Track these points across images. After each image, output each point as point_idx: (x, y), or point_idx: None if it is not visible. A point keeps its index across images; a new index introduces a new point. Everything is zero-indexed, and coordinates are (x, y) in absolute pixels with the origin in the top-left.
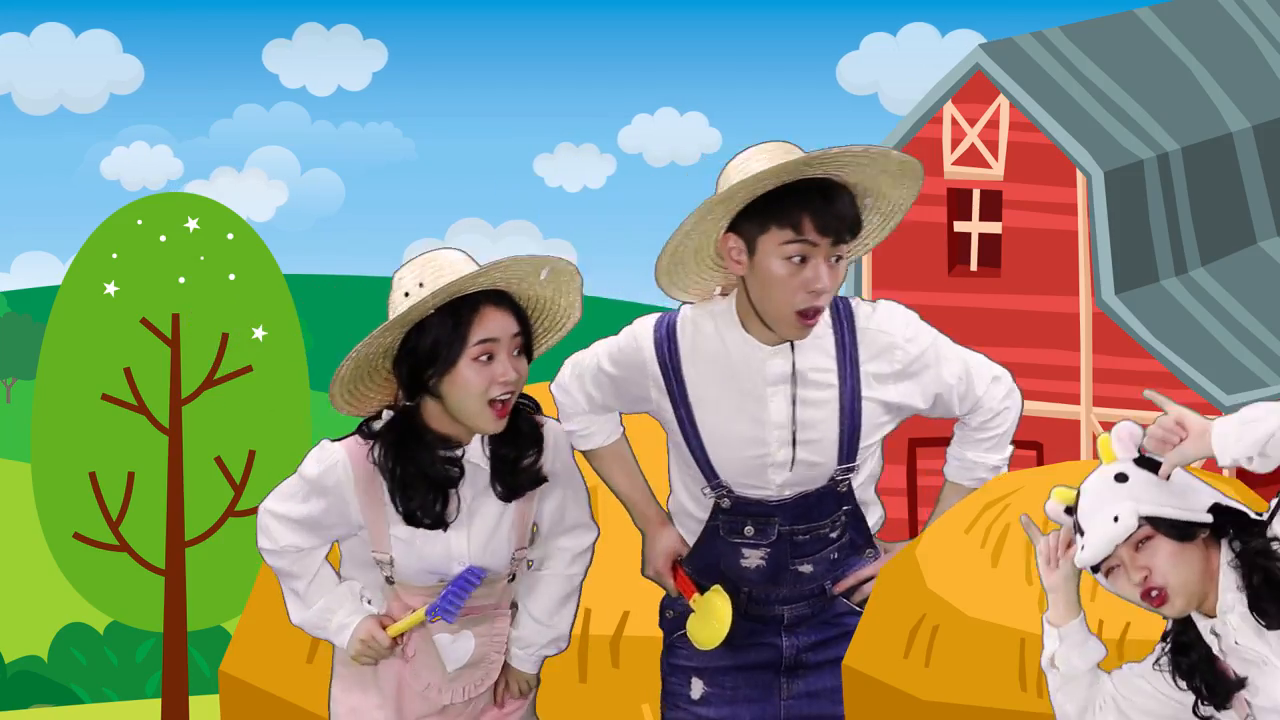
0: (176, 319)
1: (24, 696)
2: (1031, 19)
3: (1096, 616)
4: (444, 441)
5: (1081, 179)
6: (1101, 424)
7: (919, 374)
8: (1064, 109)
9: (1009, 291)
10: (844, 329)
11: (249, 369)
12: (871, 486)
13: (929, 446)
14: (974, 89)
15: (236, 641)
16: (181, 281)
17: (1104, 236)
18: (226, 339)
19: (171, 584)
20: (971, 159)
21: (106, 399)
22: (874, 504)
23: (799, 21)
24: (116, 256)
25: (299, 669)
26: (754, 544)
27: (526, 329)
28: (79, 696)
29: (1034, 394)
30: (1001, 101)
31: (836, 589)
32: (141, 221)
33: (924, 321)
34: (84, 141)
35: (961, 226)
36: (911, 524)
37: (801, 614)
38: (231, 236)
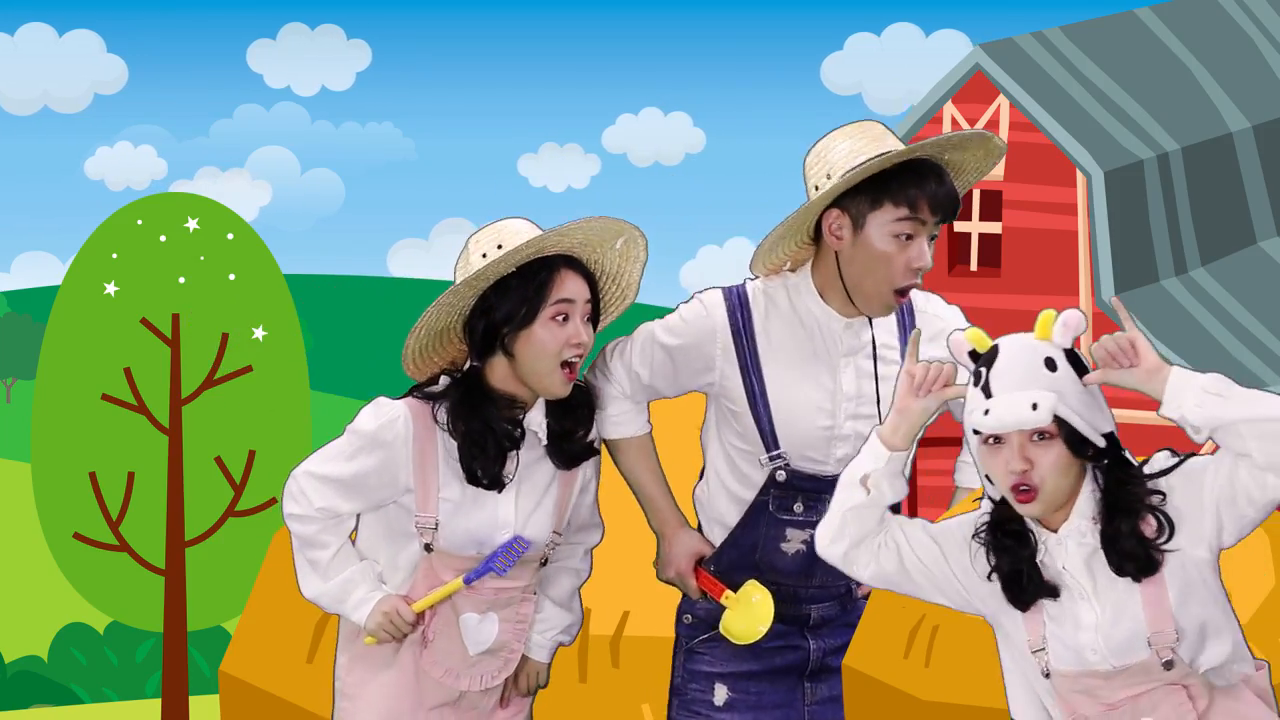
0: (176, 319)
1: (24, 696)
2: (1017, 19)
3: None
4: (509, 402)
5: (1081, 179)
6: None
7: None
8: (1064, 109)
9: (1009, 291)
10: (904, 311)
11: (249, 369)
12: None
13: (929, 446)
14: (974, 89)
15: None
16: (181, 281)
17: (1104, 236)
18: (226, 339)
19: (171, 584)
20: None
21: (106, 399)
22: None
23: (783, 22)
24: (116, 256)
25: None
26: (800, 523)
27: (596, 296)
28: (79, 696)
29: None
30: (1001, 101)
31: (862, 590)
32: (141, 221)
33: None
34: (68, 142)
35: (961, 226)
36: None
37: (828, 614)
38: (231, 236)
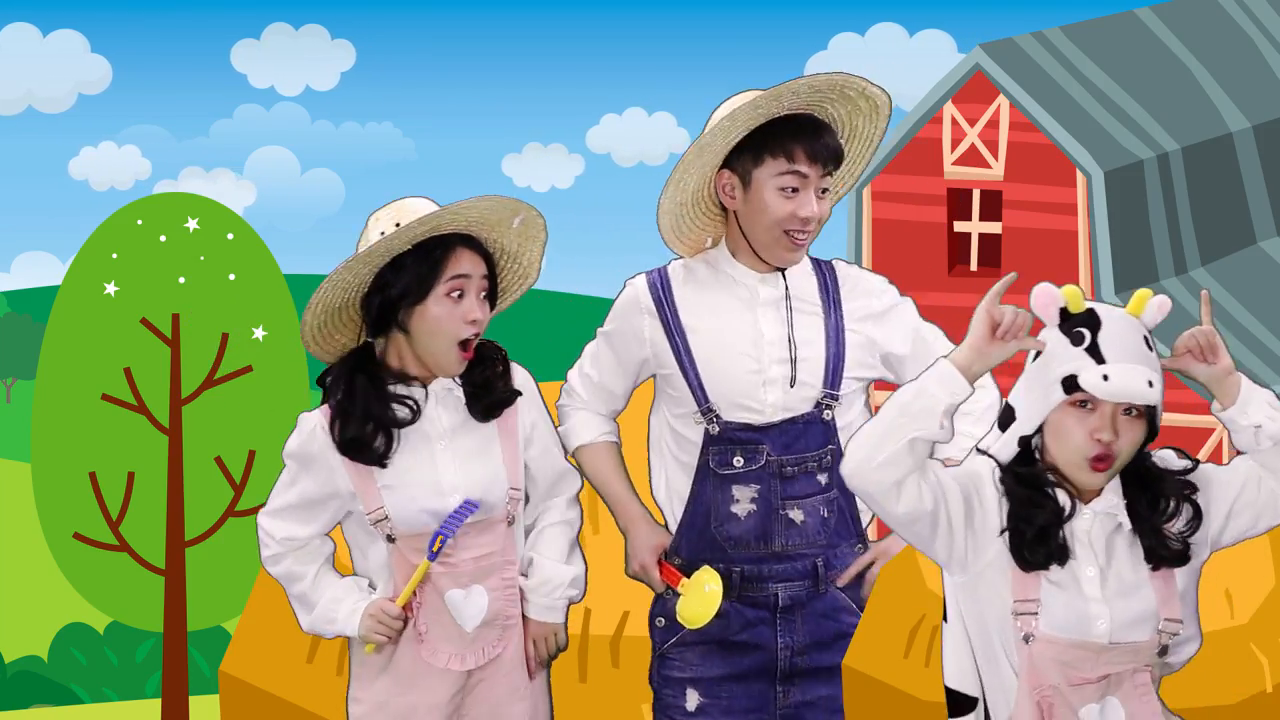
0: (176, 319)
1: (24, 696)
2: (1002, 19)
3: None
4: (401, 377)
5: (1081, 179)
6: None
7: (893, 319)
8: (1064, 109)
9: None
10: (825, 276)
11: (249, 369)
12: None
13: None
14: (974, 89)
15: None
16: (181, 281)
17: (1104, 236)
18: (226, 339)
19: (171, 584)
20: (971, 159)
21: (106, 399)
22: None
23: (767, 21)
24: (116, 256)
25: (299, 669)
26: (743, 477)
27: (493, 276)
28: (79, 696)
29: None
30: (1001, 101)
31: (839, 582)
32: (141, 221)
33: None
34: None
35: (961, 226)
36: None
37: (796, 596)
38: (231, 236)
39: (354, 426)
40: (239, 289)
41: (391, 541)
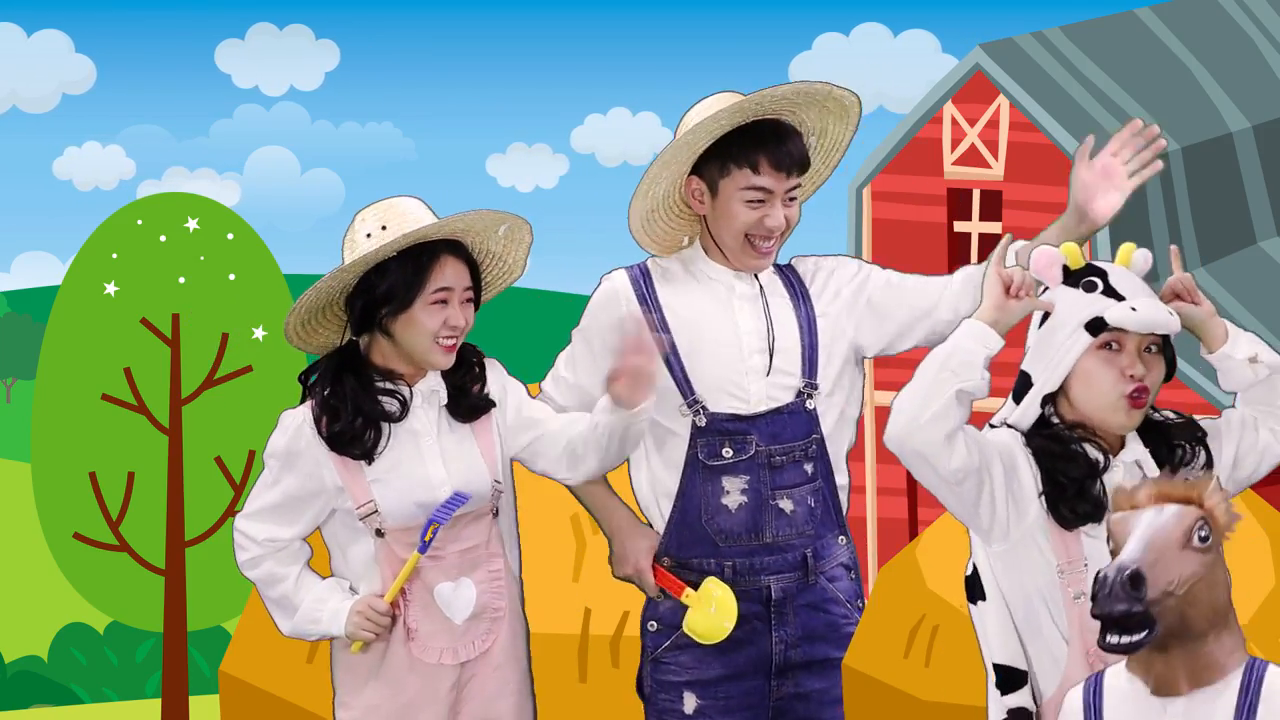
0: (176, 319)
1: (24, 696)
2: (987, 20)
3: None
4: (387, 375)
5: None
6: None
7: (860, 277)
8: (1064, 109)
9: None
10: (789, 275)
11: (249, 369)
12: (836, 446)
13: None
14: (974, 89)
15: (236, 641)
16: (181, 281)
17: (1104, 236)
18: (226, 339)
19: (171, 584)
20: (971, 159)
21: (106, 399)
22: (841, 470)
23: (751, 21)
24: (116, 256)
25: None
26: (733, 467)
27: (477, 280)
28: (79, 696)
29: None
30: (1001, 101)
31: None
32: (141, 221)
33: None
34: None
35: (961, 226)
36: (911, 524)
37: (788, 588)
38: (231, 236)
39: (343, 421)
40: (239, 289)
41: (380, 536)
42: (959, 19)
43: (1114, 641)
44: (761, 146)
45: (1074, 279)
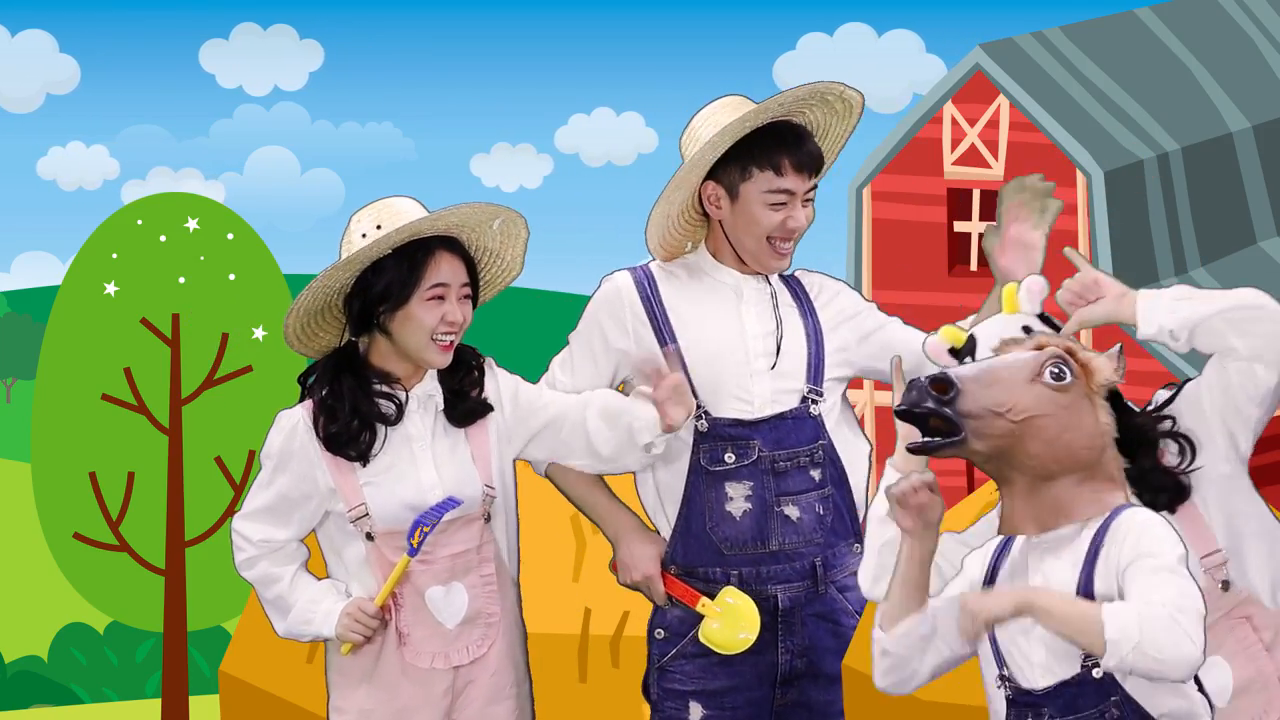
0: (176, 319)
1: (24, 696)
2: (971, 20)
3: None
4: (384, 377)
5: (1081, 179)
6: None
7: (854, 310)
8: (1064, 109)
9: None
10: (794, 285)
11: (249, 369)
12: (844, 449)
13: None
14: (974, 89)
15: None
16: (181, 281)
17: (1104, 236)
18: (226, 339)
19: (171, 584)
20: (971, 159)
21: (106, 399)
22: (855, 473)
23: (735, 21)
24: (116, 256)
25: (299, 669)
26: (736, 473)
27: (474, 277)
28: (79, 696)
29: None
30: (1001, 101)
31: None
32: (141, 221)
33: None
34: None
35: (961, 226)
36: None
37: (795, 598)
38: (231, 236)
39: (339, 422)
40: (239, 289)
41: (370, 540)
42: (943, 19)
43: (919, 442)
44: (783, 148)
45: (958, 358)
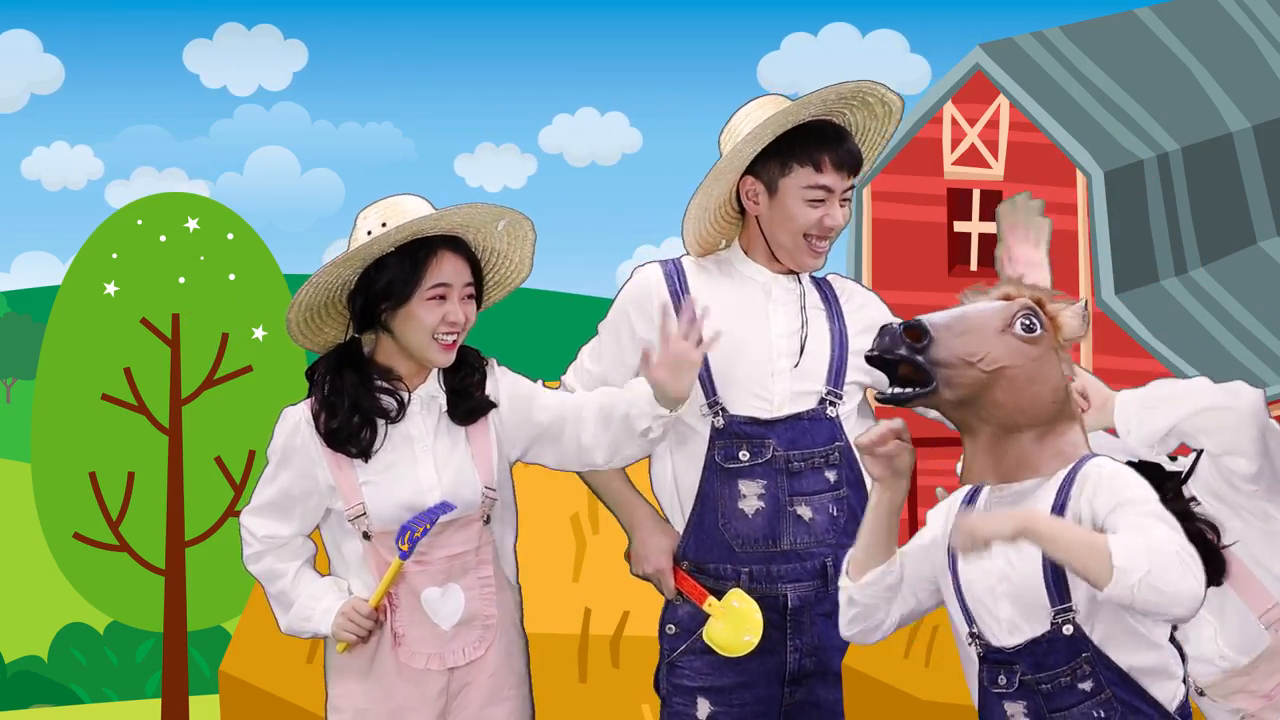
0: (176, 319)
1: (24, 696)
2: (956, 20)
3: None
4: (387, 375)
5: (1081, 179)
6: None
7: (879, 321)
8: (1064, 109)
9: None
10: (824, 288)
11: (249, 369)
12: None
13: (929, 446)
14: (974, 89)
15: (236, 641)
16: (181, 281)
17: (1104, 236)
18: (226, 339)
19: (171, 584)
20: (971, 159)
21: (106, 399)
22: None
23: (720, 21)
24: (116, 256)
25: (299, 669)
26: (750, 471)
27: (479, 278)
28: (79, 696)
29: None
30: (1001, 101)
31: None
32: (141, 221)
33: None
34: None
35: (961, 226)
36: (911, 524)
37: (805, 597)
38: (231, 236)
39: (339, 417)
40: (239, 289)
41: (367, 539)
42: (927, 19)
43: (890, 392)
44: (824, 145)
45: None
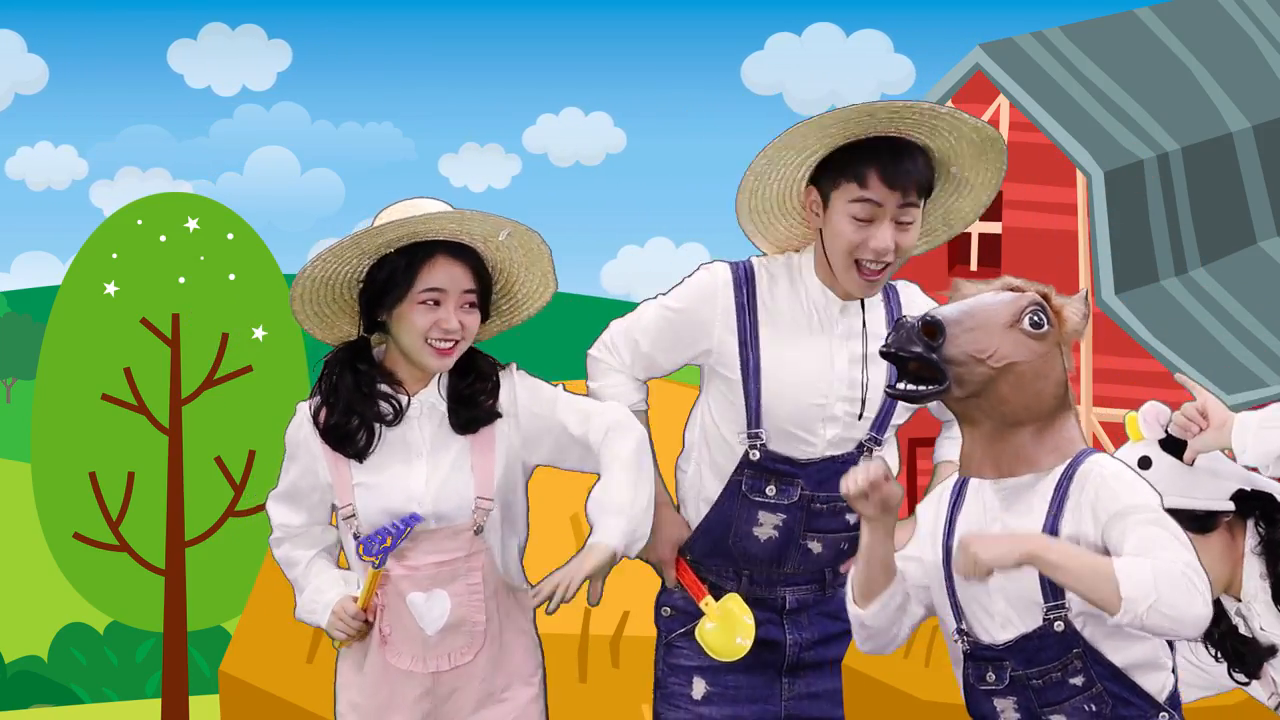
0: (176, 319)
1: (24, 696)
2: (940, 20)
3: None
4: (390, 378)
5: (1081, 179)
6: (1101, 424)
7: None
8: (1064, 109)
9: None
10: (891, 304)
11: (249, 369)
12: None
13: (929, 446)
14: (974, 89)
15: (236, 641)
16: (181, 281)
17: (1104, 236)
18: (226, 339)
19: (171, 584)
20: None
21: (106, 399)
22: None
23: (704, 21)
24: (116, 256)
25: (299, 669)
26: (773, 506)
27: (484, 287)
28: (79, 696)
29: None
30: (1001, 101)
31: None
32: (141, 221)
33: None
34: None
35: None
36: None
37: (804, 599)
38: (231, 236)
39: (336, 417)
40: (239, 289)
41: (357, 539)
42: (912, 19)
43: (901, 387)
44: (874, 159)
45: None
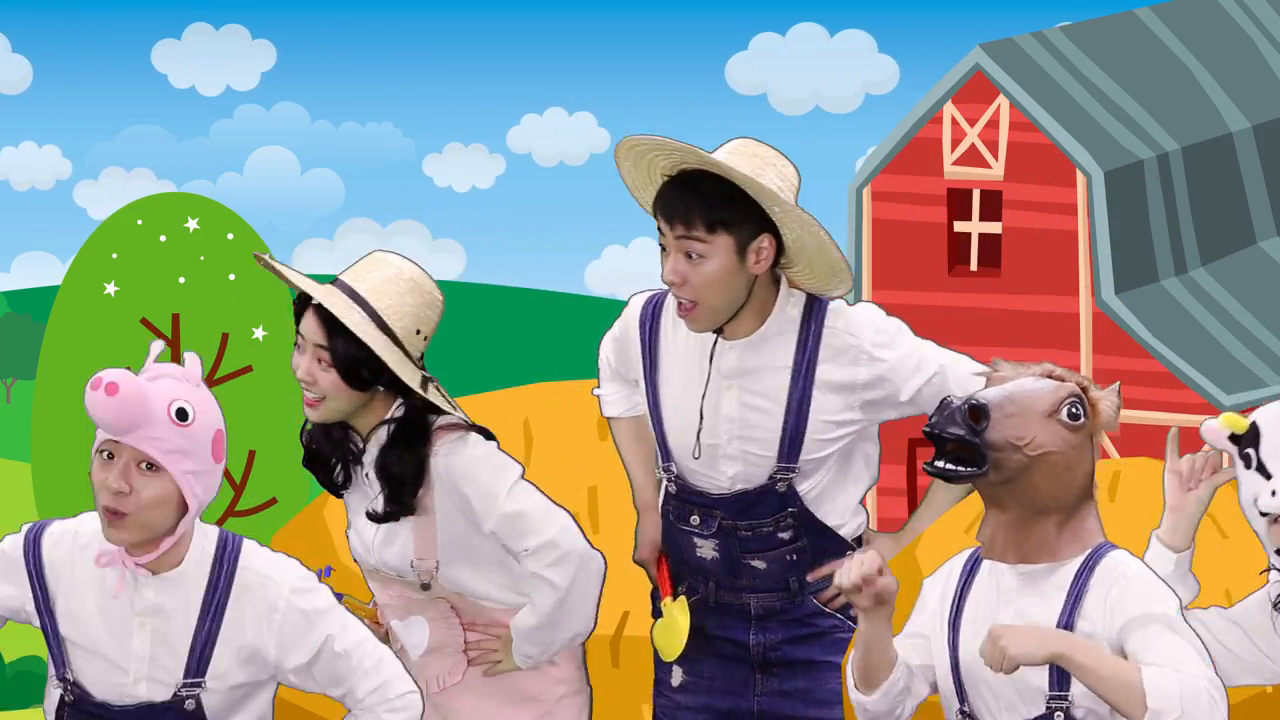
0: (176, 319)
1: (24, 696)
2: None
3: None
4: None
5: (1081, 179)
6: None
7: (879, 385)
8: (1064, 109)
9: (1009, 291)
10: (810, 328)
11: (249, 369)
12: (832, 502)
13: (929, 447)
14: (974, 89)
15: None
16: (181, 281)
17: (1104, 236)
18: (226, 339)
19: None
20: (971, 159)
21: None
22: (845, 515)
23: (688, 21)
24: (116, 256)
25: None
26: (702, 534)
27: (336, 345)
28: None
29: None
30: (1001, 101)
31: (810, 577)
32: (141, 221)
33: (905, 329)
34: None
35: (961, 226)
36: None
37: (770, 606)
38: (231, 236)
39: (317, 441)
40: (239, 289)
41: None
42: (896, 19)
43: (940, 466)
44: (661, 192)
45: (1239, 447)
